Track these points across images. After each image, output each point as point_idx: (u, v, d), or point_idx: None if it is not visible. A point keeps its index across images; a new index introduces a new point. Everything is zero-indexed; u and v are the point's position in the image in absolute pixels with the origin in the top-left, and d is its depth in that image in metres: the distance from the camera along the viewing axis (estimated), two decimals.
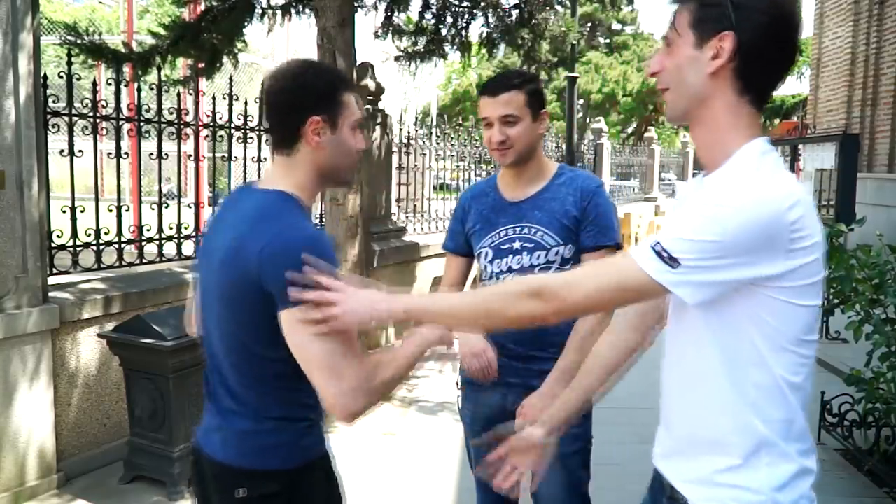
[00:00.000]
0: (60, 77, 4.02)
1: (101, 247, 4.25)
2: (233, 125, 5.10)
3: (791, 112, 23.60)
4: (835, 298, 4.23)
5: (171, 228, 4.71)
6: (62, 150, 4.06)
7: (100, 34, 6.31)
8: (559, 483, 2.15)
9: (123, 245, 4.39)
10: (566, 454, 2.14)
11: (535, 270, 2.13)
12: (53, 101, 3.88)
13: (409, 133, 7.38)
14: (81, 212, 4.13)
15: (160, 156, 4.63)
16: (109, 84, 4.39)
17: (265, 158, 5.40)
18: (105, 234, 4.26)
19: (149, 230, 4.58)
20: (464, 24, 6.26)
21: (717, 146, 1.27)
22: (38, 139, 3.54)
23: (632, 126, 32.38)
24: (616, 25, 34.44)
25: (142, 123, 4.43)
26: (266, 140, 5.20)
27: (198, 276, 1.64)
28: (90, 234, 4.20)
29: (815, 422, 4.18)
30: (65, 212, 4.10)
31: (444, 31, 6.26)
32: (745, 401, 1.22)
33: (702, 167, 1.33)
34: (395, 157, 7.06)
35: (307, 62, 1.62)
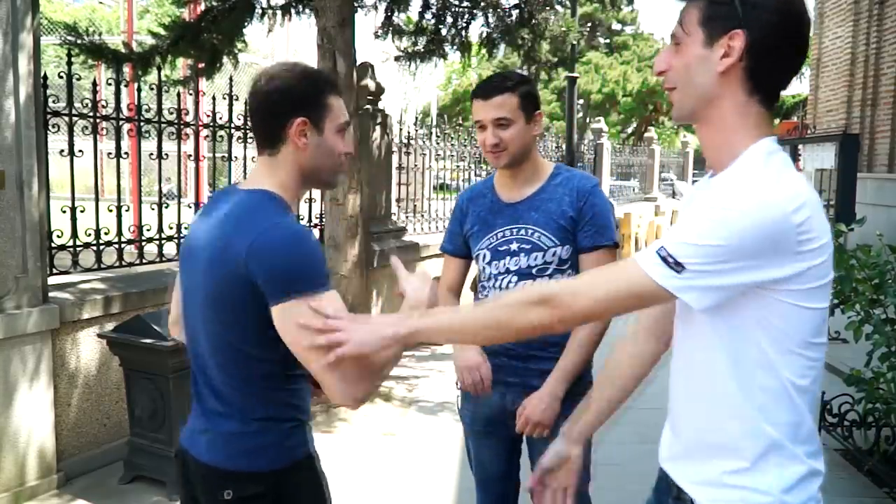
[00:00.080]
0: (60, 77, 4.02)
1: (101, 247, 4.25)
2: (233, 125, 5.11)
3: (791, 112, 23.64)
4: (835, 298, 4.22)
5: (171, 228, 4.71)
6: (62, 150, 4.06)
7: (100, 34, 6.30)
8: None
9: (123, 245, 4.39)
10: None
11: (533, 271, 2.13)
12: (53, 101, 3.88)
13: (409, 133, 7.37)
14: (81, 212, 4.13)
15: (160, 156, 4.63)
16: (109, 84, 4.39)
17: None
18: (105, 234, 4.26)
19: (149, 230, 4.58)
20: (464, 24, 6.25)
21: (725, 147, 1.25)
22: (38, 139, 3.54)
23: (632, 126, 32.37)
24: (616, 25, 34.44)
25: (142, 123, 4.43)
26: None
27: (181, 278, 1.65)
28: (90, 234, 4.20)
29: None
30: (65, 212, 4.10)
31: (444, 31, 6.25)
32: (753, 404, 1.21)
33: (707, 168, 1.32)
34: (395, 157, 7.06)
35: (295, 64, 1.62)
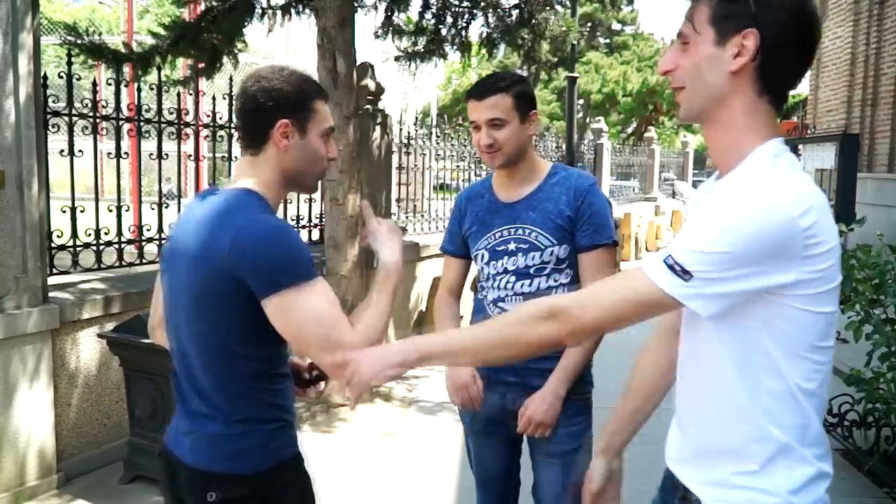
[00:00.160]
0: (60, 77, 4.02)
1: (101, 247, 4.26)
2: (233, 125, 5.10)
3: (791, 112, 23.61)
4: None
5: (171, 228, 4.70)
6: (62, 150, 4.06)
7: (100, 34, 6.31)
8: (560, 482, 2.15)
9: (123, 245, 4.39)
10: (566, 453, 2.14)
11: (531, 271, 2.13)
12: (53, 101, 3.89)
13: (409, 133, 7.37)
14: (81, 212, 4.13)
15: (160, 156, 4.63)
16: (109, 84, 4.39)
17: None
18: (105, 234, 4.26)
19: (149, 230, 4.58)
20: (464, 24, 6.24)
21: (733, 147, 1.24)
22: (38, 139, 3.54)
23: (632, 126, 32.37)
24: (616, 25, 34.45)
25: (142, 123, 4.43)
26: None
27: (164, 280, 1.65)
28: (90, 234, 4.20)
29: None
30: (65, 212, 4.10)
31: (444, 31, 6.24)
32: (759, 409, 1.20)
33: (708, 166, 1.31)
34: (395, 157, 7.05)
35: (283, 67, 1.64)
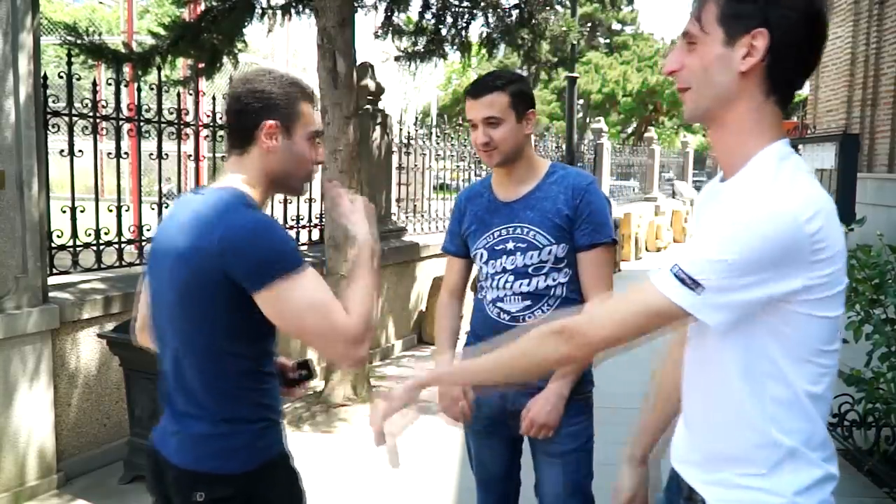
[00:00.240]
0: (60, 77, 4.02)
1: (101, 247, 4.26)
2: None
3: (791, 112, 23.61)
4: None
5: (155, 230, 4.70)
6: (62, 150, 4.06)
7: (100, 34, 6.31)
8: (561, 481, 2.15)
9: (123, 245, 4.39)
10: (567, 452, 2.14)
11: (529, 270, 2.13)
12: (53, 101, 3.89)
13: (409, 133, 7.37)
14: (81, 212, 4.13)
15: (160, 156, 4.63)
16: (109, 84, 4.39)
17: None
18: (105, 234, 4.26)
19: (149, 230, 4.58)
20: (464, 24, 6.24)
21: (738, 149, 1.22)
22: (38, 139, 3.54)
23: (632, 126, 32.37)
24: (616, 25, 34.45)
25: (142, 123, 4.43)
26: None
27: (149, 281, 1.65)
28: (90, 234, 4.20)
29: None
30: (65, 212, 4.10)
31: (444, 31, 6.25)
32: (766, 416, 1.20)
33: (709, 166, 1.30)
34: (395, 157, 7.06)
35: (272, 70, 1.66)
